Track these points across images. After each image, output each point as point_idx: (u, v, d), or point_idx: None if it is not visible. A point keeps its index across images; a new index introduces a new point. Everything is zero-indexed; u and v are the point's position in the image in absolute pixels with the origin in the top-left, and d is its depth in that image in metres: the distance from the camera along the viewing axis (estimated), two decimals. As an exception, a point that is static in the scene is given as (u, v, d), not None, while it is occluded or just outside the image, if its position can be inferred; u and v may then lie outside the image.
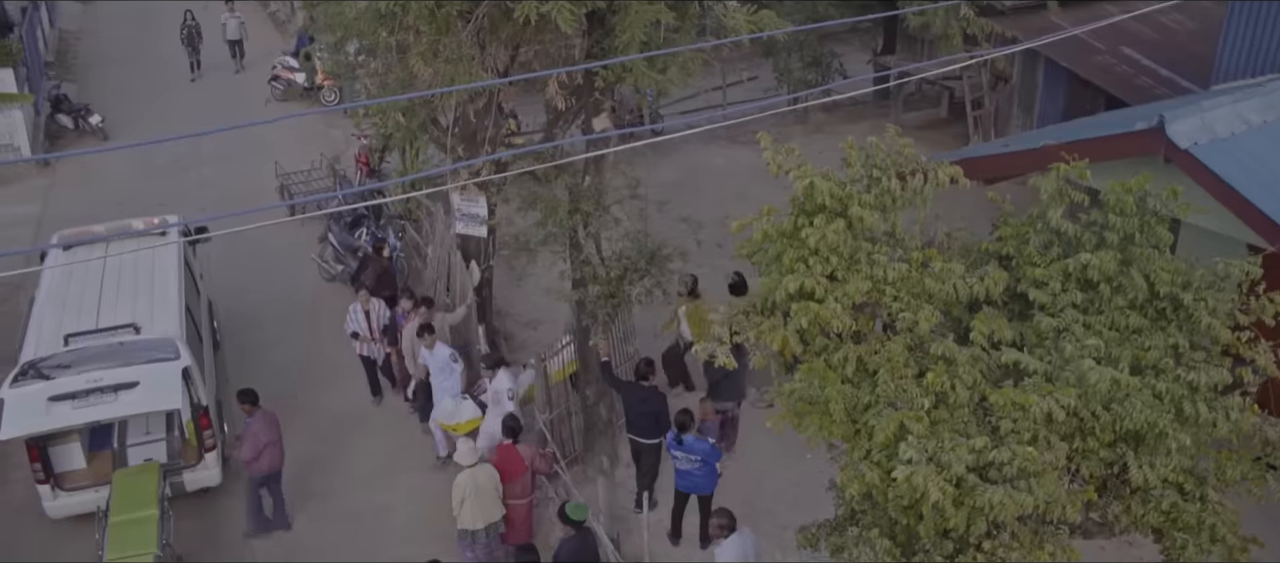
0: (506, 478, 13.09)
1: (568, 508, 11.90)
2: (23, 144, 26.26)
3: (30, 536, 14.12)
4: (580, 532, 11.86)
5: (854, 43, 29.21)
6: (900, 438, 7.90)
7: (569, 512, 11.83)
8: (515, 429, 13.33)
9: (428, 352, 14.90)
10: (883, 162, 8.91)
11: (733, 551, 11.54)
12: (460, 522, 12.99)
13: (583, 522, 11.92)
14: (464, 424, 14.45)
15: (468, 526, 12.98)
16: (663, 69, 13.39)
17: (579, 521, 11.84)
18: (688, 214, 15.27)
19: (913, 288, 8.61)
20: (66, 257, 15.90)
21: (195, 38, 32.02)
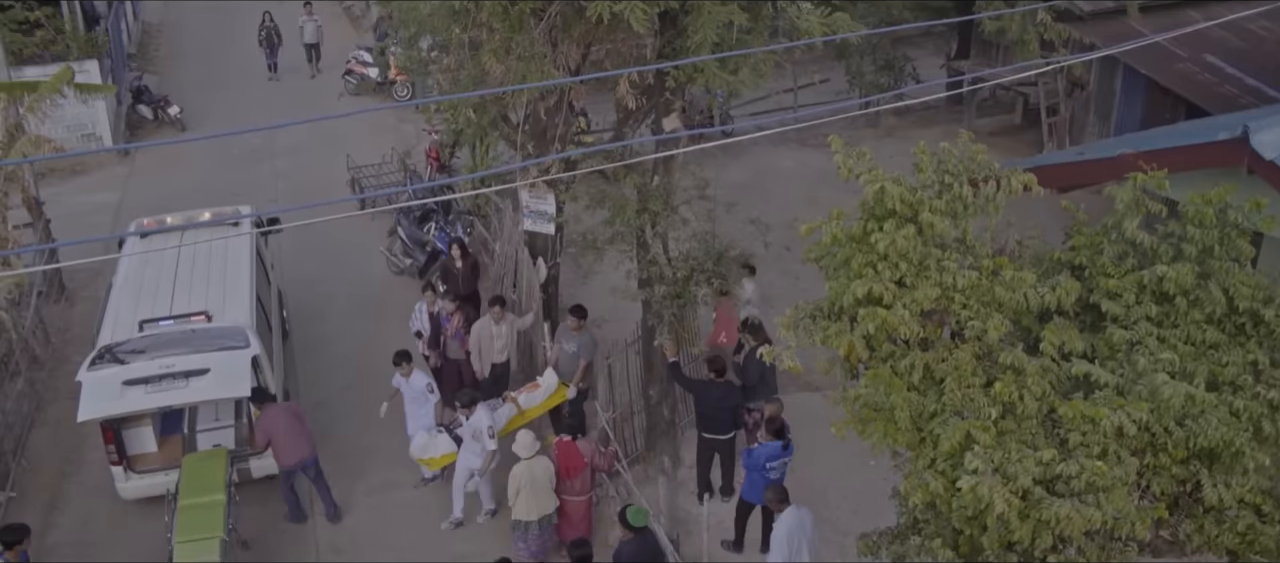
0: (566, 475, 13.14)
1: (629, 513, 11.88)
2: (104, 134, 26.87)
3: (103, 515, 14.43)
4: (640, 536, 11.86)
5: (927, 47, 28.93)
6: (966, 448, 7.79)
7: (630, 517, 11.82)
8: (575, 427, 13.36)
9: (403, 380, 14.63)
10: (955, 167, 8.79)
11: (790, 520, 11.91)
12: (514, 513, 13.08)
13: (643, 527, 11.91)
14: (438, 459, 14.30)
15: (521, 517, 13.07)
16: (734, 70, 13.34)
17: (640, 527, 11.85)
18: (756, 216, 15.20)
19: (982, 296, 8.49)
20: (143, 245, 16.22)
21: (273, 40, 32.05)
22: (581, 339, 14.97)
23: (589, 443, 13.51)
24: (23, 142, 18.04)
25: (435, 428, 14.41)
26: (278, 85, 31.51)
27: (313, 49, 32.34)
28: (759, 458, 12.93)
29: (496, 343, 15.41)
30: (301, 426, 13.91)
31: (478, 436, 13.65)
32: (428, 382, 14.63)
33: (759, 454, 12.96)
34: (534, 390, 14.65)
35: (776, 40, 13.77)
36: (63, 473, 15.39)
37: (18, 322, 17.13)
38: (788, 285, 16.54)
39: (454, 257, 17.75)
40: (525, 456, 12.93)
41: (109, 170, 25.94)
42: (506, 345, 15.56)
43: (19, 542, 11.69)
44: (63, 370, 17.13)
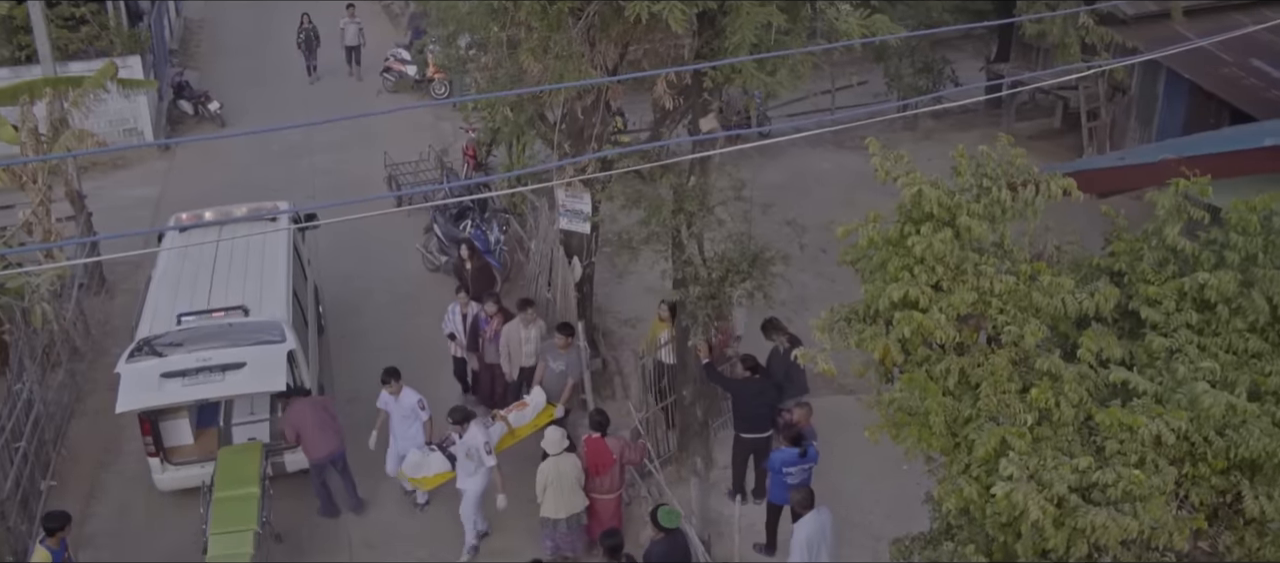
0: (595, 471, 13.15)
1: (660, 514, 11.87)
2: (146, 128, 27.16)
3: (140, 506, 14.57)
4: (671, 536, 11.86)
5: (967, 49, 28.77)
6: (1001, 454, 7.73)
7: (661, 518, 11.81)
8: (602, 423, 13.36)
9: (391, 397, 14.19)
10: (993, 171, 8.73)
11: (811, 525, 11.94)
12: (542, 510, 13.11)
13: (675, 528, 11.90)
14: (431, 478, 13.87)
15: (549, 514, 13.11)
16: (772, 71, 13.31)
17: (671, 528, 11.84)
18: (792, 218, 15.12)
19: (1020, 301, 8.42)
20: (181, 239, 16.37)
21: (312, 42, 31.47)
22: (569, 357, 14.80)
23: (618, 439, 13.51)
24: (67, 135, 18.27)
25: (428, 446, 13.98)
26: (317, 86, 31.45)
27: (353, 52, 31.83)
28: (775, 462, 12.93)
29: (526, 347, 15.31)
30: (330, 420, 13.99)
31: (473, 454, 13.28)
32: (418, 398, 14.20)
33: (775, 459, 12.97)
34: (522, 409, 14.40)
35: (815, 41, 13.73)
36: (101, 463, 15.56)
37: (59, 313, 17.33)
38: (823, 288, 16.46)
39: (463, 258, 17.67)
40: (553, 452, 12.96)
41: (150, 165, 26.20)
42: (536, 350, 15.41)
43: (60, 529, 11.83)
44: (102, 362, 17.33)
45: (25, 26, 22.83)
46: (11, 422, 14.28)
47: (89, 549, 13.93)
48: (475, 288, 16.79)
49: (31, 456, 14.68)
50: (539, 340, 15.33)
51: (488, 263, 18.13)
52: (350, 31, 31.53)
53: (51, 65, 20.55)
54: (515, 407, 14.47)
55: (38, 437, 15.09)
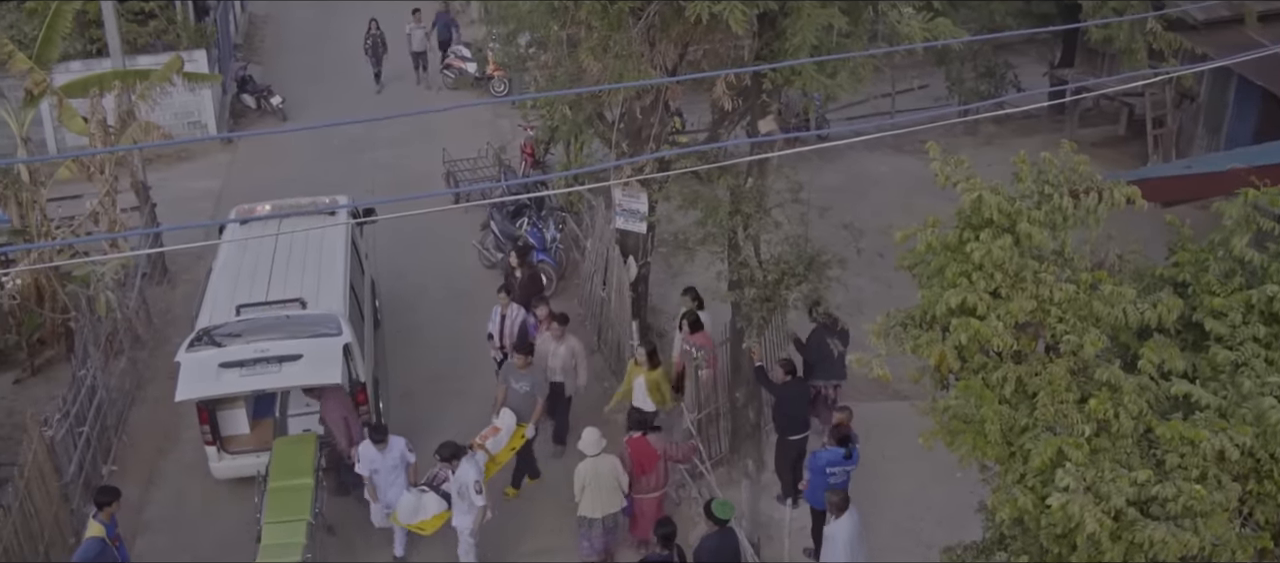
0: (640, 471, 13.16)
1: (714, 505, 11.92)
2: (209, 122, 27.56)
3: (197, 493, 14.78)
4: (722, 531, 11.85)
5: (1030, 54, 28.43)
6: (1057, 464, 7.62)
7: (715, 509, 11.85)
8: (645, 422, 13.35)
9: (377, 453, 13.31)
10: (1055, 178, 8.61)
11: (850, 525, 12.00)
12: (579, 509, 13.14)
13: (727, 521, 11.89)
14: (429, 521, 13.23)
15: (586, 514, 13.12)
16: (832, 74, 13.24)
17: (724, 520, 11.82)
18: (849, 221, 15.03)
19: (1079, 310, 8.30)
20: (242, 231, 16.57)
21: (379, 48, 30.52)
22: (533, 377, 14.40)
23: (661, 438, 13.50)
24: (134, 128, 18.58)
25: (418, 488, 13.36)
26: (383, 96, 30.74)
27: (420, 58, 31.02)
28: (820, 461, 12.85)
29: (553, 362, 15.03)
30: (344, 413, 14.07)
31: (464, 492, 12.87)
32: (404, 443, 13.57)
33: (821, 458, 12.88)
34: (497, 435, 13.89)
35: (876, 44, 13.64)
36: (160, 450, 15.81)
37: (123, 302, 17.63)
38: (879, 292, 16.32)
39: (511, 264, 17.50)
40: (591, 453, 12.96)
41: (213, 158, 26.58)
42: (565, 367, 15.01)
43: (110, 504, 12.04)
44: (163, 351, 17.59)
45: (97, 21, 23.24)
46: (76, 407, 14.56)
47: (147, 535, 14.15)
48: (523, 294, 16.67)
49: (94, 441, 14.96)
50: (568, 358, 14.98)
51: (537, 270, 17.96)
52: (417, 37, 30.73)
53: (121, 59, 20.90)
54: (490, 433, 13.89)
55: (100, 422, 15.37)
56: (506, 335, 15.90)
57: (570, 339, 15.07)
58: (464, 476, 12.80)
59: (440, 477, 13.31)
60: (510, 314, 15.89)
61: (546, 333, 15.23)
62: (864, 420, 14.27)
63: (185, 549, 13.86)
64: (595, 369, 17.40)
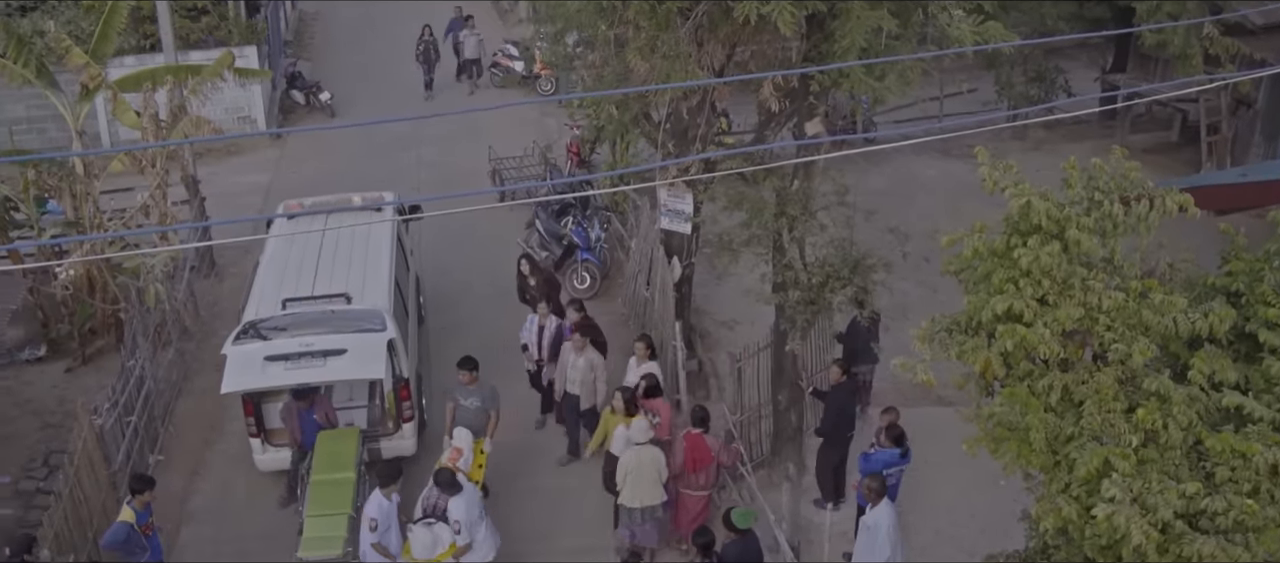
0: (692, 467, 13.16)
1: (734, 515, 11.88)
2: (259, 117, 27.83)
3: (241, 484, 14.93)
4: (744, 537, 11.87)
5: (1081, 59, 28.12)
6: (1104, 475, 7.53)
7: (735, 519, 11.84)
8: (704, 419, 13.35)
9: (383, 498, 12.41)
10: (1106, 184, 8.51)
11: (888, 513, 11.94)
12: (621, 498, 13.18)
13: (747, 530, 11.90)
14: (445, 553, 12.60)
15: (626, 503, 13.15)
16: (881, 76, 13.16)
17: (744, 529, 11.83)
18: (895, 225, 14.96)
19: (1128, 319, 8.19)
20: (289, 226, 16.71)
21: (431, 55, 30.16)
22: (481, 391, 14.17)
23: (716, 439, 13.47)
24: (185, 122, 18.79)
25: (425, 522, 12.65)
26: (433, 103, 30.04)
27: (472, 65, 30.71)
28: (877, 464, 12.78)
29: (572, 373, 14.91)
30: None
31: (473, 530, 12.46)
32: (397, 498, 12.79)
33: (877, 460, 12.82)
34: (461, 456, 13.27)
35: (925, 47, 13.53)
36: (206, 441, 15.98)
37: (171, 294, 17.84)
38: (925, 297, 16.21)
39: (523, 273, 17.38)
40: (639, 441, 12.99)
41: (261, 153, 26.84)
42: (584, 381, 14.81)
43: (143, 492, 12.19)
44: (210, 343, 17.77)
45: (151, 17, 23.57)
46: (124, 396, 14.75)
47: (191, 524, 14.31)
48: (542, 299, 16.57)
49: (141, 430, 15.15)
50: (587, 371, 14.78)
51: (552, 274, 17.88)
52: (469, 44, 30.47)
53: (173, 54, 21.17)
54: (454, 455, 13.24)
55: (148, 412, 15.57)
56: (544, 347, 15.80)
57: (590, 352, 14.88)
58: (469, 516, 12.39)
59: (440, 506, 12.69)
60: (550, 326, 15.72)
61: (567, 343, 15.12)
62: (907, 425, 14.17)
63: (228, 540, 13.99)
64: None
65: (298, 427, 14.04)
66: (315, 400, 14.05)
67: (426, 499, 12.80)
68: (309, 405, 13.98)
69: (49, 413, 16.66)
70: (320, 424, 14.08)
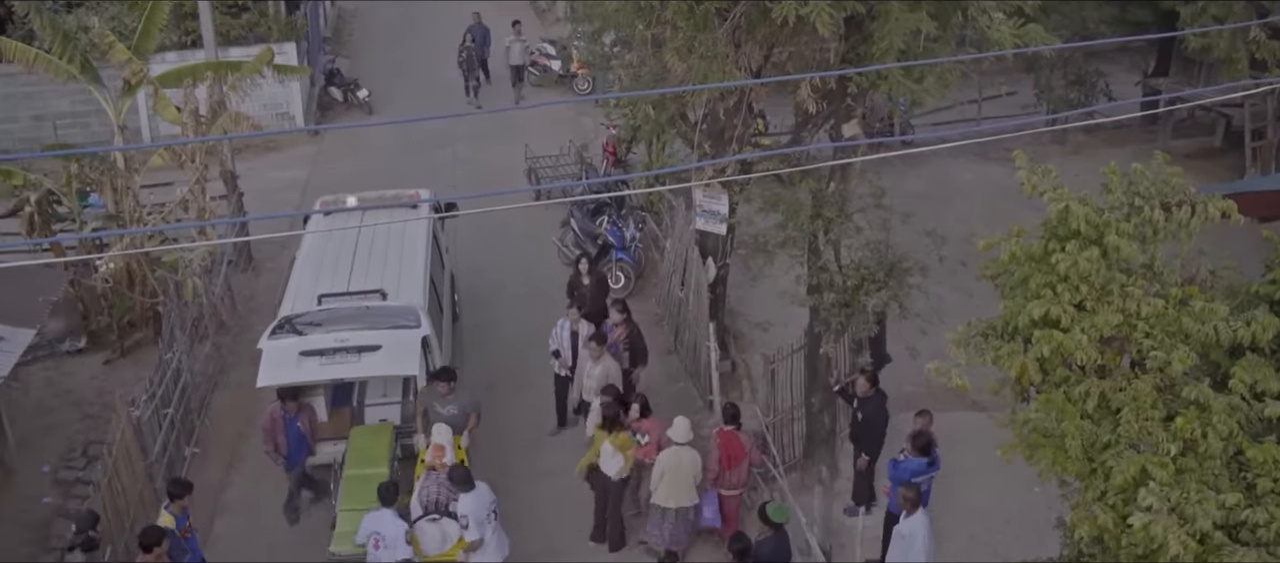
0: (727, 465, 13.17)
1: (769, 509, 11.94)
2: (297, 113, 28.03)
3: (275, 477, 14.97)
4: (778, 534, 11.86)
5: (1123, 62, 27.82)
6: (1140, 483, 7.44)
7: (770, 513, 11.88)
8: (736, 416, 13.36)
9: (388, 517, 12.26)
10: (1146, 190, 8.42)
11: (919, 524, 11.85)
12: (654, 498, 13.17)
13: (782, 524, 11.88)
14: (453, 548, 12.63)
15: (659, 503, 13.12)
16: (919, 79, 13.07)
17: (779, 523, 11.81)
18: (932, 228, 14.83)
19: (1168, 326, 8.10)
20: (326, 222, 16.81)
21: (474, 62, 29.29)
22: (459, 400, 14.05)
23: (747, 436, 13.44)
24: (224, 118, 18.96)
25: (431, 518, 12.67)
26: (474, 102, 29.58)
27: (518, 71, 29.76)
28: (904, 472, 12.70)
29: (588, 382, 14.81)
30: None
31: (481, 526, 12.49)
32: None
33: (904, 469, 12.74)
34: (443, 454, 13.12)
35: (964, 49, 13.43)
36: (241, 434, 16.09)
37: (209, 288, 18.00)
38: (960, 301, 16.06)
39: (579, 272, 17.31)
40: (679, 441, 12.96)
41: (299, 149, 27.02)
42: (596, 390, 14.55)
43: (182, 496, 12.27)
44: (246, 337, 17.94)
45: (192, 14, 23.78)
46: (161, 389, 14.88)
47: (226, 516, 14.42)
48: (594, 303, 16.57)
49: (178, 423, 15.28)
50: (603, 379, 14.54)
51: (605, 276, 17.75)
52: (515, 50, 29.46)
53: (214, 50, 21.34)
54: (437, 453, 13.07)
55: (184, 405, 15.71)
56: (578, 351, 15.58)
57: (607, 361, 14.75)
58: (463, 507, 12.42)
59: (441, 501, 12.74)
60: (580, 330, 15.52)
61: (584, 351, 14.98)
62: (941, 430, 14.08)
63: (262, 532, 14.09)
64: (671, 370, 17.41)
65: (283, 438, 13.86)
66: (300, 408, 13.96)
67: (424, 495, 12.80)
68: (295, 411, 13.84)
69: (88, 404, 16.86)
70: (304, 436, 13.97)
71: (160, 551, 11.52)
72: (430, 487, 12.76)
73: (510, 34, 29.75)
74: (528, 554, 13.52)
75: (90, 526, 11.74)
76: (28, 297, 15.38)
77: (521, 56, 29.74)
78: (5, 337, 14.43)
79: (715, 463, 13.24)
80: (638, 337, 15.62)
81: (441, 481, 12.78)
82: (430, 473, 12.94)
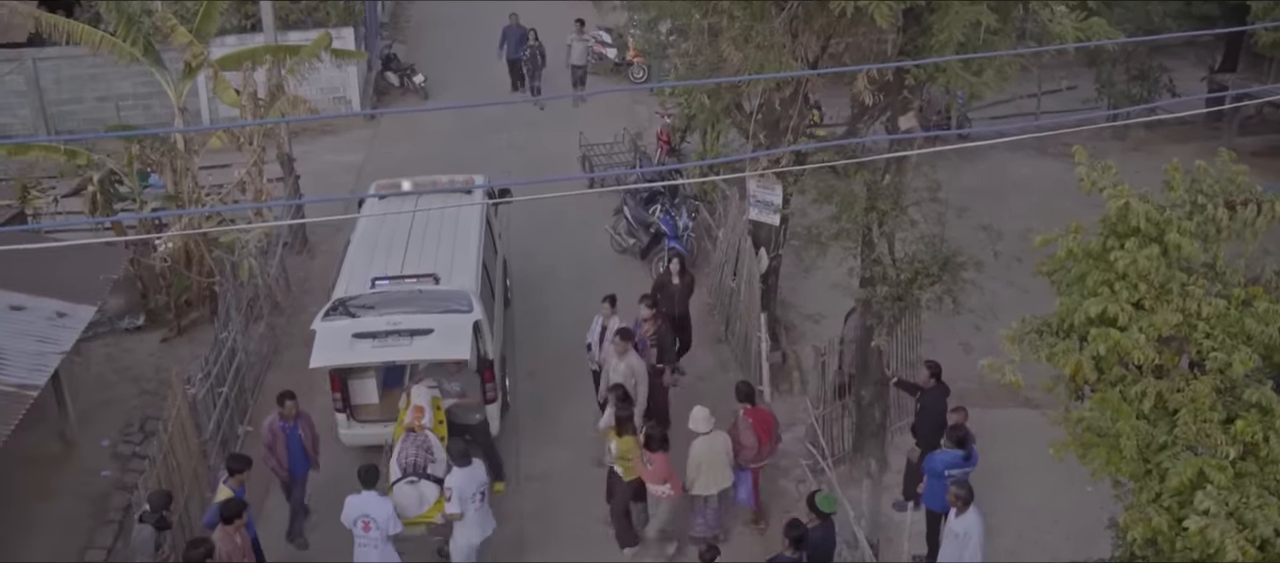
0: (764, 440, 13.42)
1: (818, 498, 11.92)
2: (354, 98, 28.22)
3: (326, 458, 15.08)
4: (825, 524, 11.85)
5: (1188, 57, 27.30)
6: (1197, 486, 7.33)
7: (819, 503, 11.87)
8: (749, 394, 13.55)
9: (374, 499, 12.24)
10: (1210, 188, 8.28)
11: (974, 522, 11.67)
12: (694, 489, 13.16)
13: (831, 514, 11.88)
14: (431, 511, 12.75)
15: (700, 492, 13.16)
16: (978, 72, 12.94)
17: (829, 513, 11.82)
18: (987, 223, 14.67)
19: (1229, 327, 7.96)
20: (380, 206, 16.93)
21: (537, 60, 28.08)
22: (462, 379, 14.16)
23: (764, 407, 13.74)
24: (282, 101, 19.14)
25: (408, 480, 12.74)
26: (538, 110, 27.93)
27: (579, 71, 28.16)
28: (938, 464, 12.58)
29: (613, 378, 14.36)
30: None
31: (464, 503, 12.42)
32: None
33: (938, 460, 12.62)
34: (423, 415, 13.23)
35: (1024, 43, 13.27)
36: (294, 415, 16.25)
37: (264, 269, 18.21)
38: (1015, 298, 15.89)
39: (670, 270, 16.86)
40: (703, 431, 13.03)
41: (355, 133, 27.20)
42: (626, 381, 14.13)
43: (241, 471, 12.39)
44: (300, 318, 18.11)
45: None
46: (216, 368, 15.08)
47: (276, 495, 14.56)
48: (680, 305, 16.33)
49: (232, 401, 15.48)
50: (628, 376, 14.24)
51: (694, 281, 17.21)
52: (577, 49, 27.87)
53: (273, 34, 21.53)
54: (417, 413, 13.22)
55: (238, 384, 15.91)
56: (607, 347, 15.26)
57: (631, 357, 14.46)
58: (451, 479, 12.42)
59: (420, 463, 12.84)
60: (612, 326, 15.21)
61: (609, 346, 14.77)
62: (992, 427, 13.96)
63: (312, 510, 14.21)
64: (720, 359, 17.38)
65: (283, 450, 13.57)
66: (298, 414, 13.55)
67: (402, 457, 12.91)
68: (294, 418, 13.40)
69: (146, 380, 17.12)
70: (304, 444, 13.73)
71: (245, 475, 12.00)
72: (409, 449, 12.91)
73: (572, 31, 28.22)
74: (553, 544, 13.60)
75: (164, 505, 11.92)
76: (89, 274, 15.60)
77: (583, 56, 28.14)
78: (67, 313, 14.67)
79: (752, 439, 13.33)
80: (666, 334, 15.42)
81: (420, 443, 12.95)
82: (409, 435, 13.06)
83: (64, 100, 26.70)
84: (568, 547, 13.82)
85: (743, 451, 13.37)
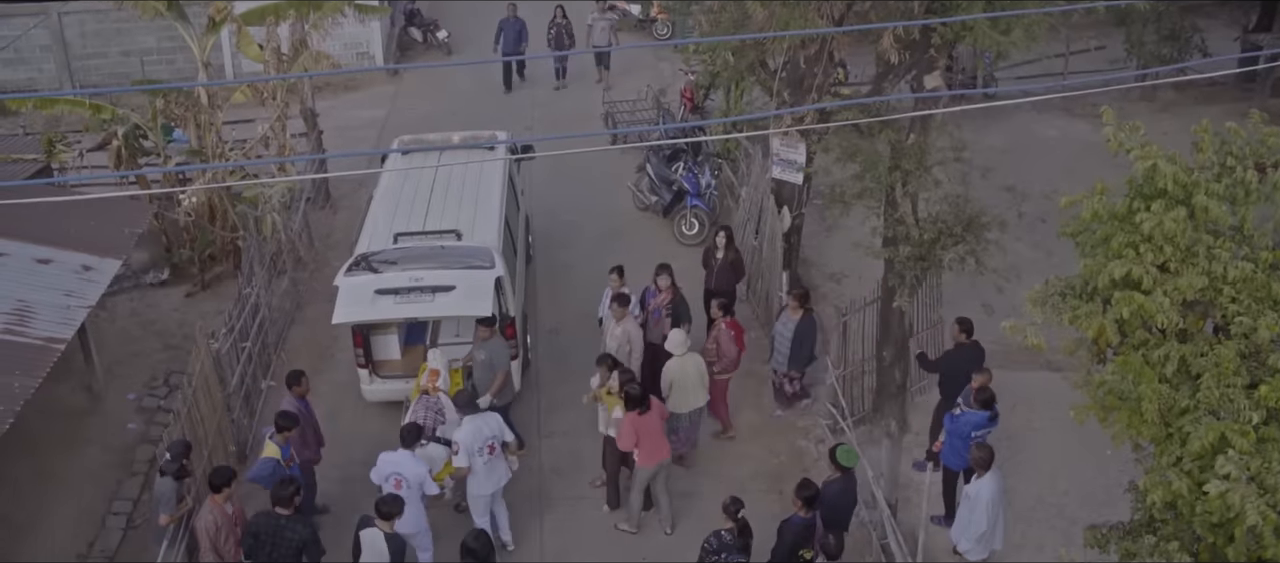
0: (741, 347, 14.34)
1: (839, 451, 11.92)
2: (377, 53, 28.23)
3: (347, 413, 15.27)
4: (846, 477, 11.88)
5: (1221, 17, 26.92)
6: (1219, 450, 7.28)
7: (840, 456, 11.87)
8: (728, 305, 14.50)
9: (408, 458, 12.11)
10: (1240, 150, 8.17)
11: (994, 484, 11.72)
12: (668, 406, 13.39)
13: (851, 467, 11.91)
14: (440, 472, 12.67)
15: (673, 409, 13.44)
16: (1006, 30, 12.79)
17: (848, 466, 11.85)
18: (1012, 184, 14.59)
19: (1256, 291, 7.88)
20: (403, 162, 16.92)
21: (563, 39, 26.64)
22: (493, 346, 13.77)
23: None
24: (305, 57, 19.14)
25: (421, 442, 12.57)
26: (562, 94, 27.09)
27: (602, 55, 26.62)
28: (964, 426, 12.55)
29: (610, 341, 14.34)
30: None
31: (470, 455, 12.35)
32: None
33: (964, 422, 12.57)
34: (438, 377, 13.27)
35: (1053, 2, 13.10)
36: (315, 369, 16.27)
37: (287, 224, 18.26)
38: (1039, 259, 15.81)
39: (717, 244, 16.21)
40: (679, 352, 13.43)
41: (378, 89, 27.20)
42: (619, 350, 14.05)
43: (289, 428, 12.38)
44: (323, 274, 18.19)
45: (275, -50, 23.97)
46: (240, 322, 15.17)
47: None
48: (720, 281, 15.90)
49: (255, 356, 15.58)
50: (624, 341, 14.18)
51: (741, 257, 16.62)
52: (598, 28, 26.28)
53: (298, -12, 21.50)
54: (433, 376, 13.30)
55: (262, 338, 16.01)
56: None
57: (629, 322, 14.37)
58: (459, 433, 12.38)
59: (431, 425, 12.88)
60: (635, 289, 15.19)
61: (608, 310, 14.65)
62: (1013, 388, 13.92)
63: (334, 466, 14.30)
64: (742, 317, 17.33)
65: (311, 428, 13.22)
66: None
67: (413, 418, 12.96)
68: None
69: (170, 334, 17.26)
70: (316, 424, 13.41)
71: (230, 491, 11.55)
72: (421, 410, 13.01)
73: (594, 9, 26.81)
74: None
75: (184, 454, 12.00)
76: (114, 229, 15.70)
77: (605, 36, 26.28)
78: (93, 267, 14.77)
79: (733, 349, 14.19)
80: (682, 303, 15.10)
81: (431, 404, 13.04)
82: (423, 396, 13.15)
83: (89, 55, 26.81)
84: (588, 503, 13.89)
85: (721, 360, 14.12)
